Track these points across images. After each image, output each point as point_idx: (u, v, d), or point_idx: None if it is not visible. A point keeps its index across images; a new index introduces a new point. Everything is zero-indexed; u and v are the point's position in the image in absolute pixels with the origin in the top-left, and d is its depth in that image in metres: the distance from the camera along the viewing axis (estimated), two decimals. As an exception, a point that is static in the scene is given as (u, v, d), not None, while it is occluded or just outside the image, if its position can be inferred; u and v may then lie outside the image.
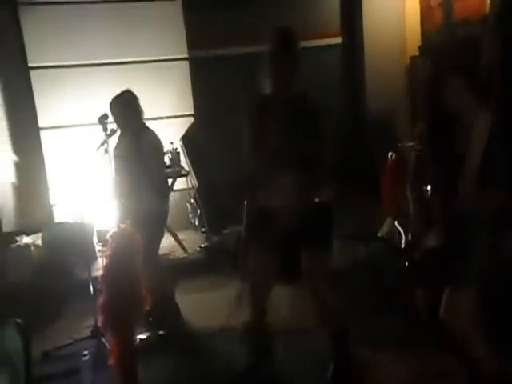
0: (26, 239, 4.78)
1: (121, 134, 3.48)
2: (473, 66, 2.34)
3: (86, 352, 2.75)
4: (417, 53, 5.57)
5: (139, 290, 2.45)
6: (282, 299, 3.57)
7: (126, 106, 3.43)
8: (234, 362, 3.06)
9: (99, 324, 2.85)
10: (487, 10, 4.00)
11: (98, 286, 2.58)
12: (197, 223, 5.62)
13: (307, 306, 2.85)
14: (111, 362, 2.54)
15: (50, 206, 5.49)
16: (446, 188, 2.12)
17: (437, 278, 2.25)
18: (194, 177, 5.29)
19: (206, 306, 4.00)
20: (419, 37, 5.60)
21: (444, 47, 2.21)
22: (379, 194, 4.30)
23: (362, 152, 5.89)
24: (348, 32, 6.12)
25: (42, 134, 5.53)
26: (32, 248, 4.72)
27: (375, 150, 5.02)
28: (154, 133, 3.58)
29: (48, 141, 5.53)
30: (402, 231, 3.77)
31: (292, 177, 2.47)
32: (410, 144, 3.50)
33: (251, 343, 2.87)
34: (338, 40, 6.22)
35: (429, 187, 2.47)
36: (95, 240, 5.16)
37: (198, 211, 5.47)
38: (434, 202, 2.24)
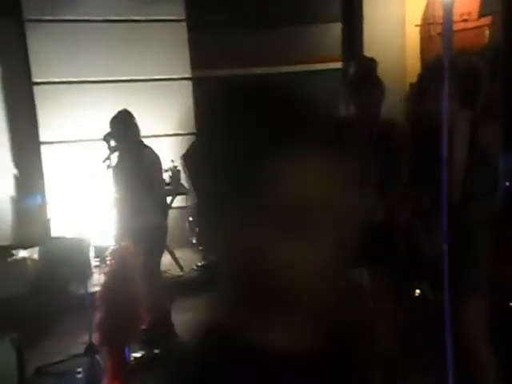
0: (22, 253, 4.77)
1: (120, 152, 3.54)
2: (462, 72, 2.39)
3: (79, 369, 2.73)
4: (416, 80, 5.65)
5: (137, 308, 2.45)
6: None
7: (123, 125, 3.50)
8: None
9: (94, 341, 2.85)
10: (486, 41, 4.10)
11: (95, 303, 2.58)
12: (194, 241, 5.62)
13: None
14: (105, 379, 2.53)
15: (48, 221, 5.49)
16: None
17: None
18: (194, 195, 5.30)
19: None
20: (419, 65, 5.70)
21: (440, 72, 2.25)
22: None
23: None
24: (349, 58, 6.21)
25: (43, 148, 5.56)
26: (28, 262, 4.70)
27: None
28: (152, 149, 3.64)
29: (48, 155, 5.56)
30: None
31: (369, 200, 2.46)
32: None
33: None
34: (338, 65, 6.31)
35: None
36: (92, 256, 5.14)
37: (196, 229, 5.47)
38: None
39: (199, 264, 5.19)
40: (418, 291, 2.81)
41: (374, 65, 3.14)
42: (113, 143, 3.32)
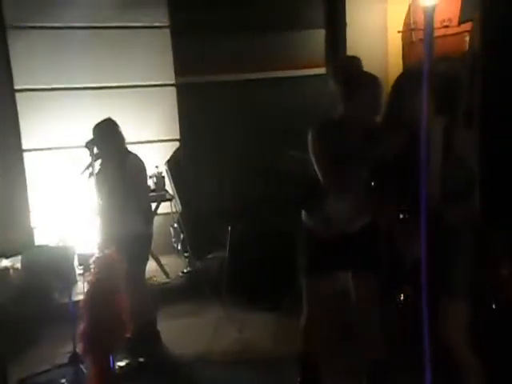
0: (4, 262, 4.70)
1: (103, 160, 3.52)
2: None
3: (63, 380, 2.70)
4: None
5: (121, 316, 2.43)
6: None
7: (107, 133, 3.49)
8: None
9: (78, 350, 2.82)
10: (467, 47, 4.16)
11: (79, 312, 2.56)
12: (180, 248, 5.59)
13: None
14: (89, 389, 2.50)
15: (31, 229, 5.43)
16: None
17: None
18: (178, 201, 5.29)
19: (186, 332, 3.97)
20: (401, 71, 5.76)
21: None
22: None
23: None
24: (333, 61, 6.26)
25: (25, 155, 5.50)
26: (11, 271, 4.63)
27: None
28: (137, 156, 3.63)
29: (31, 163, 5.50)
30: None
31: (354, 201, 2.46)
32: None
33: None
34: (322, 70, 6.36)
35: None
36: (76, 264, 5.09)
37: (181, 236, 5.45)
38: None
39: (185, 270, 5.17)
40: (402, 295, 2.84)
41: (361, 63, 3.18)
42: (95, 150, 3.30)
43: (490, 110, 3.06)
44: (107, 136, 3.46)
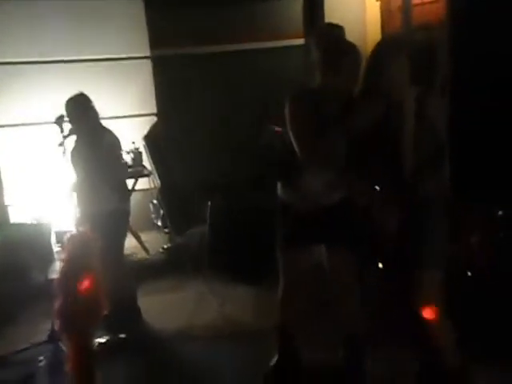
0: (-20, 241, 4.62)
1: (77, 136, 3.44)
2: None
3: (41, 358, 2.68)
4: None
5: (96, 294, 2.41)
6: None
7: (79, 108, 3.39)
8: (196, 363, 3.06)
9: (56, 328, 2.79)
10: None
11: (54, 290, 2.53)
12: (160, 224, 5.56)
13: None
14: (68, 366, 2.49)
15: (5, 207, 5.33)
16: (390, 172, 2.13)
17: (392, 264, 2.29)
18: (157, 177, 5.23)
19: (168, 308, 3.97)
20: (379, 39, 5.71)
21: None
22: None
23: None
24: (313, 28, 6.16)
25: (-3, 132, 5.37)
26: (-13, 250, 4.56)
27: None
28: (111, 132, 3.55)
29: (3, 139, 5.37)
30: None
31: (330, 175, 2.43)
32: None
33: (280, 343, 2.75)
34: (300, 41, 6.26)
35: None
36: (53, 241, 5.03)
37: (161, 212, 5.42)
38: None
39: (165, 246, 5.15)
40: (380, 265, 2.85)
41: (343, 32, 3.08)
42: (68, 126, 3.22)
43: (458, 79, 3.02)
44: (80, 111, 3.37)
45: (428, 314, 2.19)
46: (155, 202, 5.54)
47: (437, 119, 2.11)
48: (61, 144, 3.14)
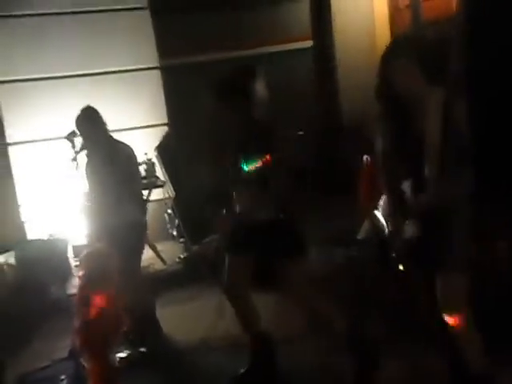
0: (-2, 258, 4.64)
1: (90, 151, 3.42)
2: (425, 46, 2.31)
3: (63, 377, 2.65)
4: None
5: (116, 310, 2.38)
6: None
7: (87, 122, 3.38)
8: (218, 373, 3.02)
9: (76, 346, 2.77)
10: (454, 9, 4.04)
11: (73, 308, 2.50)
12: (175, 233, 5.53)
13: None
14: (90, 383, 2.46)
15: (22, 223, 5.35)
16: (413, 176, 2.09)
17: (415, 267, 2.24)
18: (171, 186, 5.21)
19: (187, 318, 3.93)
20: (389, 37, 5.64)
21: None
22: (357, 198, 4.28)
23: (338, 156, 5.90)
24: (318, 35, 6.13)
25: (10, 149, 5.39)
26: (5, 267, 4.58)
27: (351, 153, 5.03)
28: (126, 145, 3.52)
29: (16, 156, 5.39)
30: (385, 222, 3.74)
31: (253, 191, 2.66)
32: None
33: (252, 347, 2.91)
34: (309, 43, 6.23)
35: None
36: (71, 256, 5.03)
37: (176, 221, 5.39)
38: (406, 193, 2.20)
39: (181, 256, 5.12)
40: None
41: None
42: (79, 142, 3.21)
43: (475, 76, 2.92)
44: (88, 125, 3.35)
45: (453, 319, 2.13)
46: (170, 211, 5.51)
47: (462, 122, 2.03)
48: (74, 159, 3.13)
